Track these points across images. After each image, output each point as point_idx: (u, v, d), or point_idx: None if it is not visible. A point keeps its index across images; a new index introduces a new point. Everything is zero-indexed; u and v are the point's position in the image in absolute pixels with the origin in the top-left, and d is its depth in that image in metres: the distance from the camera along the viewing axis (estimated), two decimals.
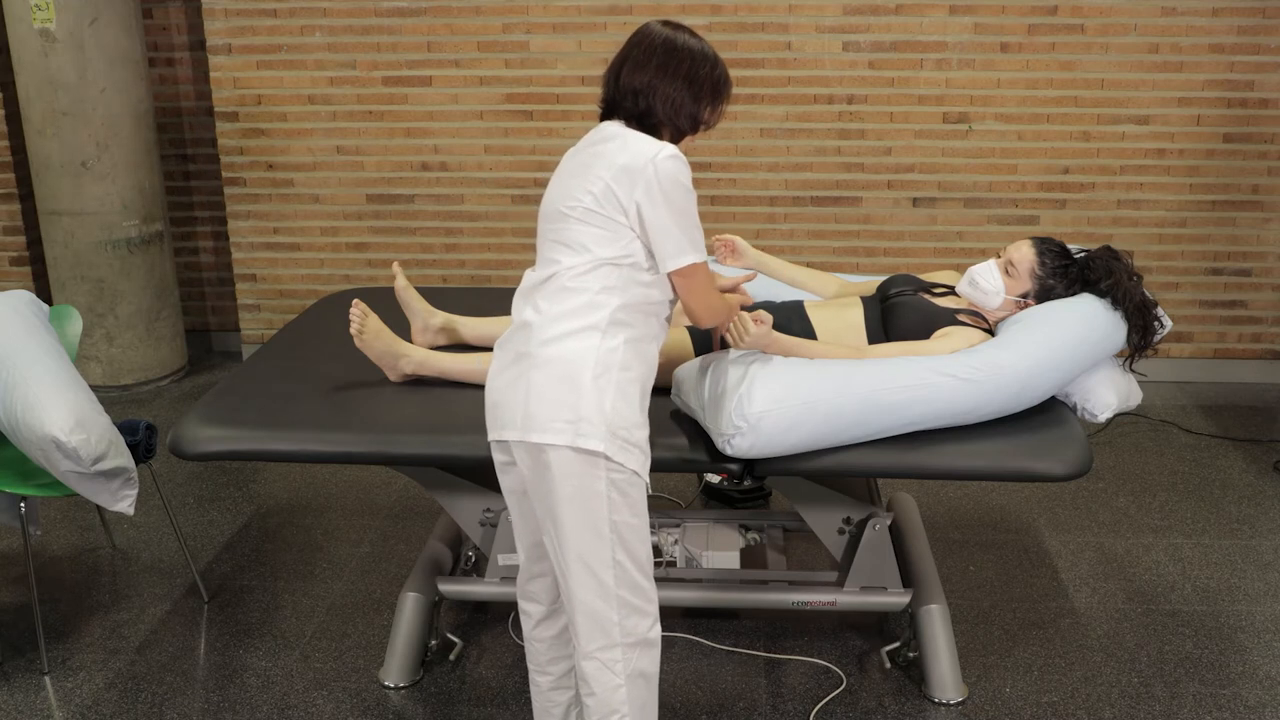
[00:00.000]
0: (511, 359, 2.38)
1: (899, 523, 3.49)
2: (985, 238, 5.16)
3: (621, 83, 2.40)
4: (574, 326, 2.33)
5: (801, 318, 3.12)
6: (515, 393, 2.35)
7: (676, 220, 2.33)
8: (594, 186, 2.33)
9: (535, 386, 2.32)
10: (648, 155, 2.31)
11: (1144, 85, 4.96)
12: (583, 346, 2.32)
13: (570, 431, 2.29)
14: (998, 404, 2.82)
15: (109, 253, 5.05)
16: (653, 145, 2.34)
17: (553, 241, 2.39)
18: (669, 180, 2.31)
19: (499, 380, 2.40)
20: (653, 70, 2.38)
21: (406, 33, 5.09)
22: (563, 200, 2.37)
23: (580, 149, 2.45)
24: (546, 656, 2.66)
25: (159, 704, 3.09)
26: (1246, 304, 5.21)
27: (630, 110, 2.41)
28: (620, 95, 2.41)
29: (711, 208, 5.22)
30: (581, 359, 2.31)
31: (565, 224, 2.37)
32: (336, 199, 5.33)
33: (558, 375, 2.31)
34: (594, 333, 2.33)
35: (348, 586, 3.66)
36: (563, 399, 2.30)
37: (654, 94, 2.39)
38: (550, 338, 2.33)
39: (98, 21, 4.81)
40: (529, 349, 2.35)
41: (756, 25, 4.98)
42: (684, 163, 2.35)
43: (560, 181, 2.42)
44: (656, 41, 2.40)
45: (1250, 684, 3.14)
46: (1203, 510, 4.10)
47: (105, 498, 3.14)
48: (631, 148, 2.34)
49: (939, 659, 3.06)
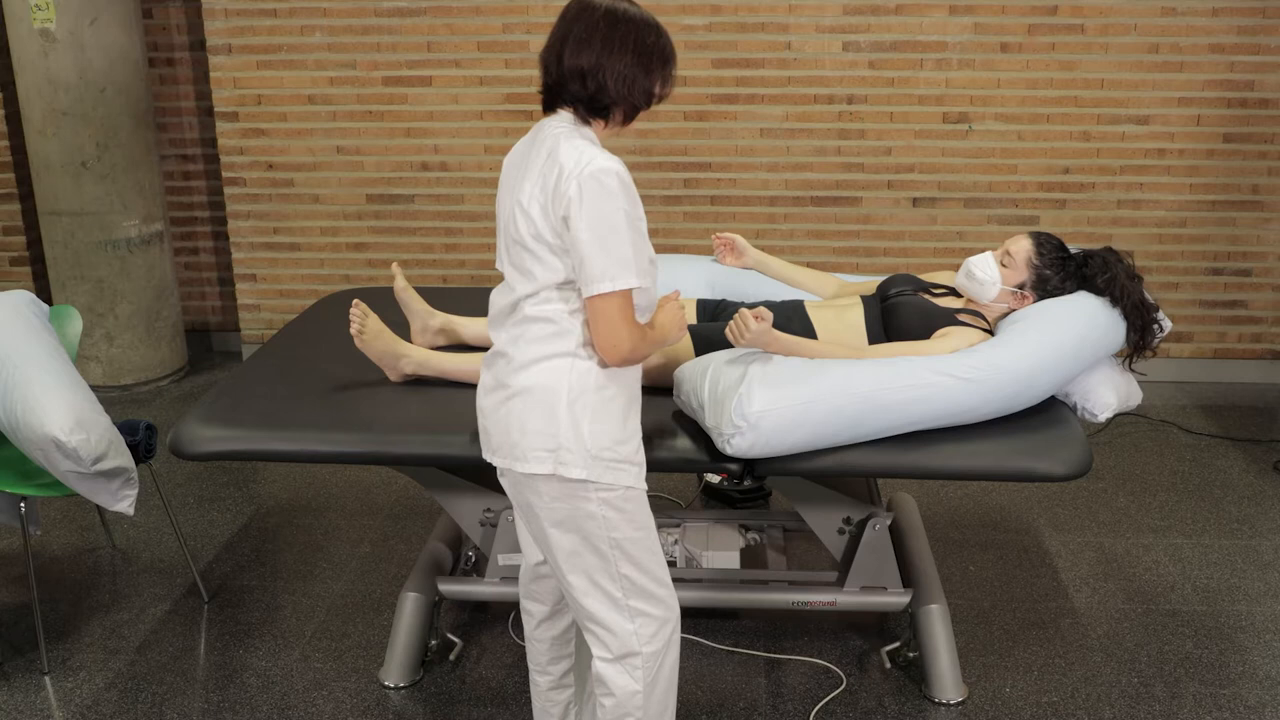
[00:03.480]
0: (493, 384, 2.35)
1: (899, 523, 3.49)
2: (985, 238, 5.16)
3: (566, 65, 2.22)
4: (544, 353, 2.26)
5: (801, 317, 3.12)
6: (499, 419, 2.32)
7: (598, 242, 2.15)
8: (532, 210, 2.21)
9: (514, 415, 2.28)
10: (570, 172, 2.15)
11: (1144, 85, 4.96)
12: (555, 374, 2.25)
13: (551, 460, 2.25)
14: (997, 404, 2.82)
15: (109, 253, 5.05)
16: (579, 158, 2.16)
17: (510, 266, 2.32)
18: (595, 195, 2.14)
19: (485, 401, 2.37)
20: (598, 46, 2.20)
21: (406, 33, 5.09)
22: (509, 223, 2.28)
23: (518, 156, 2.34)
24: (547, 657, 2.66)
25: (159, 704, 3.09)
26: (1246, 304, 5.21)
27: (578, 94, 2.24)
28: (566, 79, 2.23)
29: (711, 208, 5.22)
30: (555, 386, 2.25)
31: (516, 250, 2.27)
32: (336, 199, 5.33)
33: (533, 404, 2.26)
34: (565, 358, 2.25)
35: (348, 586, 3.66)
36: (541, 428, 2.25)
37: (604, 72, 2.20)
38: (522, 364, 2.28)
39: (98, 21, 4.81)
40: (505, 378, 2.31)
41: (756, 25, 4.98)
42: (613, 174, 2.15)
43: (503, 198, 2.33)
44: (598, 15, 2.21)
45: (1250, 684, 3.14)
46: (1203, 510, 4.10)
47: (105, 498, 3.14)
48: (560, 161, 2.18)
49: (939, 659, 3.06)
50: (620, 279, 2.17)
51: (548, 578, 2.58)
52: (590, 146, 2.20)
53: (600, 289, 2.17)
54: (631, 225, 2.17)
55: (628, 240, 2.16)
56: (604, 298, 2.18)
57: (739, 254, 3.51)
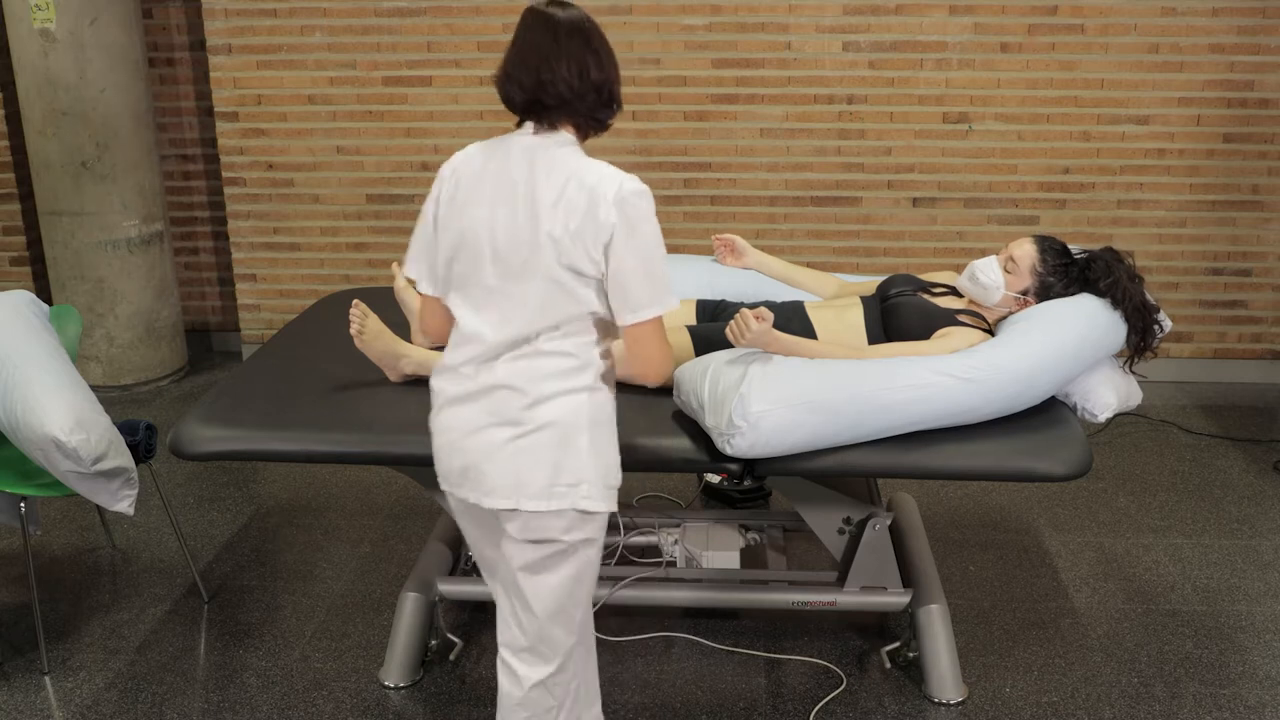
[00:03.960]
0: (491, 420, 2.19)
1: (899, 523, 3.49)
2: (985, 238, 5.16)
3: (592, 79, 2.14)
4: (564, 387, 2.17)
5: (801, 318, 3.12)
6: (505, 459, 2.18)
7: (643, 267, 2.11)
8: (559, 236, 2.10)
9: (529, 454, 2.17)
10: (607, 196, 2.08)
11: (1144, 85, 4.96)
12: (575, 408, 2.18)
13: (573, 496, 2.19)
14: (998, 404, 2.82)
15: (109, 253, 5.05)
16: (613, 177, 2.11)
17: (515, 297, 2.15)
18: (637, 220, 2.09)
19: (481, 439, 2.20)
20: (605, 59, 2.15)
21: (406, 33, 5.09)
22: (516, 250, 2.13)
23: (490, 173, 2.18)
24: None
25: (159, 704, 3.09)
26: (1246, 304, 5.21)
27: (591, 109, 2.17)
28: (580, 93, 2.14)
29: (711, 208, 5.22)
30: (576, 422, 2.18)
31: (530, 279, 2.13)
32: (336, 199, 5.33)
33: (555, 440, 2.17)
34: (584, 392, 2.19)
35: (348, 586, 3.66)
36: (564, 464, 2.17)
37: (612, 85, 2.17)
38: (539, 400, 2.17)
39: (98, 21, 4.81)
40: (516, 415, 2.17)
41: (756, 25, 4.98)
42: (647, 195, 2.12)
43: (498, 220, 2.15)
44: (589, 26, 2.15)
45: (1250, 684, 3.14)
46: (1203, 510, 4.10)
47: (105, 498, 3.14)
48: (589, 185, 2.10)
49: (939, 659, 3.06)
50: (664, 301, 2.15)
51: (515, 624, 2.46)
52: (607, 166, 2.14)
53: (648, 315, 2.14)
54: (661, 245, 2.14)
55: (664, 261, 2.15)
56: (650, 322, 2.15)
57: (739, 255, 3.51)
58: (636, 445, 2.78)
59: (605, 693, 3.11)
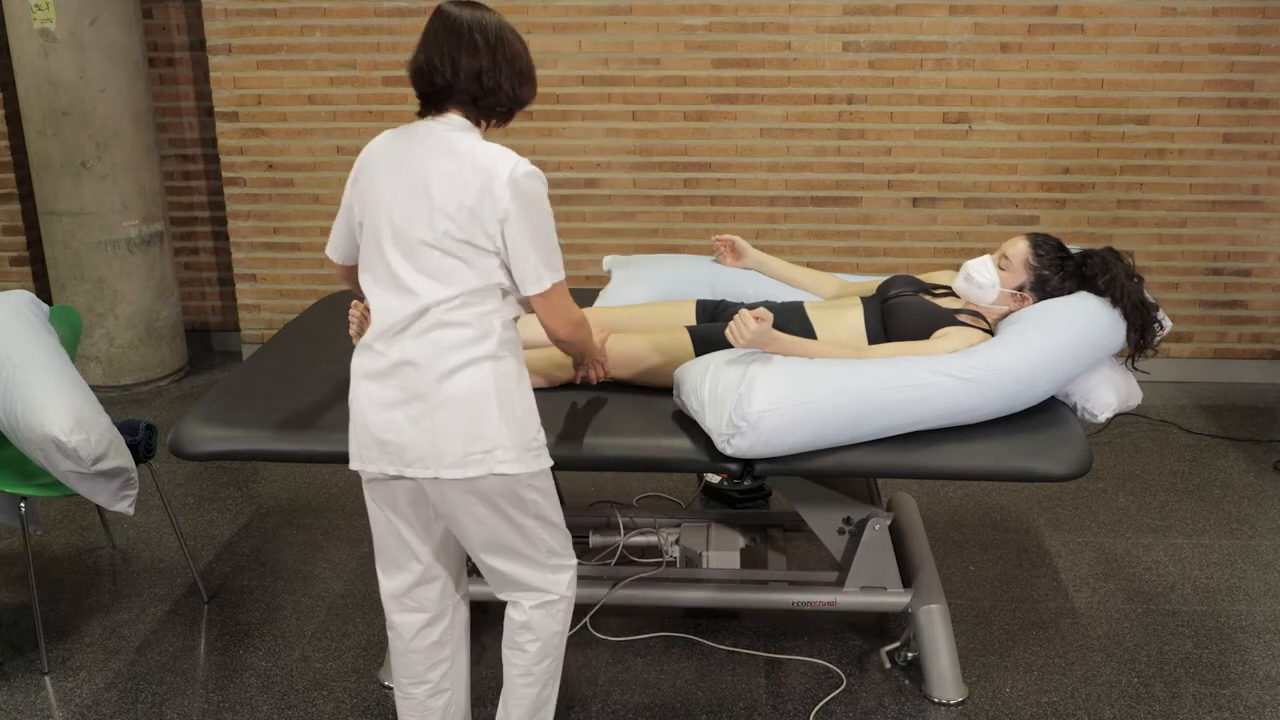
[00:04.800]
0: (400, 397, 2.32)
1: (899, 523, 3.49)
2: (985, 238, 5.16)
3: (463, 68, 2.29)
4: (466, 358, 2.31)
5: (801, 318, 3.12)
6: (417, 432, 2.32)
7: (535, 241, 2.29)
8: (458, 215, 2.26)
9: (441, 425, 2.30)
10: (505, 174, 2.25)
11: (1144, 85, 4.96)
12: (480, 378, 2.31)
13: (489, 461, 2.32)
14: (998, 404, 2.82)
15: (109, 253, 5.05)
16: (506, 159, 2.27)
17: (414, 271, 2.30)
18: (532, 198, 2.28)
19: (395, 414, 2.33)
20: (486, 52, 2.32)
21: (406, 33, 5.09)
22: (413, 227, 2.29)
23: (396, 155, 2.34)
24: (425, 664, 2.62)
25: (159, 704, 3.09)
26: (1246, 304, 5.21)
27: (473, 96, 2.32)
28: (462, 81, 2.30)
29: (711, 208, 5.22)
30: (483, 391, 2.31)
31: (426, 254, 2.29)
32: (336, 199, 5.32)
33: (463, 411, 2.30)
34: (487, 361, 2.32)
35: (348, 586, 3.66)
36: (475, 432, 2.31)
37: (498, 74, 2.33)
38: (442, 374, 2.30)
39: (98, 21, 4.81)
40: (423, 389, 2.30)
41: (756, 25, 4.98)
42: (541, 177, 2.31)
43: (397, 199, 2.31)
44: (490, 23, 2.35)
45: (1250, 684, 3.15)
46: (1203, 510, 4.10)
47: (105, 498, 3.14)
48: (485, 165, 2.26)
49: (939, 659, 3.06)
50: (559, 270, 2.35)
51: (435, 581, 2.56)
52: (503, 149, 2.30)
53: (541, 286, 2.33)
54: (552, 221, 2.35)
55: (554, 235, 2.35)
56: (553, 289, 2.35)
57: (739, 255, 3.51)
58: (636, 445, 2.78)
59: (605, 692, 3.11)
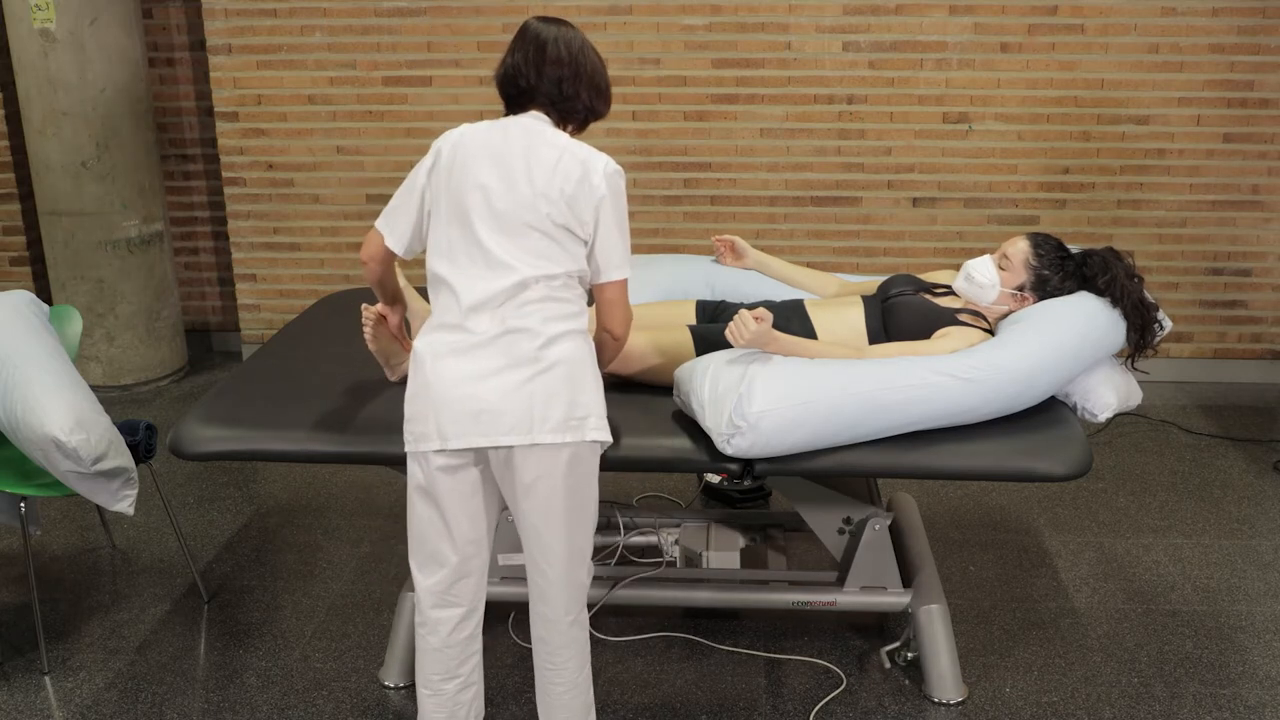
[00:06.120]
0: (502, 364, 2.40)
1: (899, 523, 3.49)
2: (985, 238, 5.16)
3: (545, 73, 2.47)
4: (568, 329, 2.45)
5: (802, 317, 3.12)
6: (518, 399, 2.39)
7: (621, 233, 2.47)
8: (555, 198, 2.40)
9: (544, 390, 2.40)
10: (600, 166, 2.43)
11: (1144, 85, 4.96)
12: (579, 347, 2.45)
13: (583, 428, 2.43)
14: (998, 404, 2.82)
15: (109, 253, 5.05)
16: (599, 154, 2.45)
17: (516, 249, 2.42)
18: (621, 193, 2.46)
19: (486, 385, 2.40)
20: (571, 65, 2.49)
21: (406, 33, 5.10)
22: (517, 210, 2.41)
23: (494, 143, 2.45)
24: (459, 658, 2.63)
25: (159, 704, 3.09)
26: (1246, 304, 5.21)
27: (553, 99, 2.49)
28: (546, 86, 2.48)
29: (711, 208, 5.22)
30: (581, 359, 2.45)
31: (528, 234, 2.42)
32: (336, 199, 5.33)
33: (565, 377, 2.42)
34: (581, 335, 2.47)
35: (348, 586, 3.66)
36: (574, 399, 2.42)
37: (580, 83, 2.50)
38: (550, 340, 2.42)
39: (98, 21, 4.81)
40: (530, 354, 2.41)
41: (756, 25, 4.99)
42: (623, 175, 2.49)
43: (500, 183, 2.42)
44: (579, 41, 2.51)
45: (1250, 684, 3.15)
46: (1203, 510, 4.10)
47: (105, 498, 3.14)
48: (581, 158, 2.43)
49: (939, 659, 3.06)
50: (628, 268, 2.51)
51: (470, 576, 2.57)
52: (592, 148, 2.47)
53: (620, 275, 2.49)
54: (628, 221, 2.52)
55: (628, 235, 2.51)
56: (620, 283, 2.51)
57: (739, 255, 3.51)
58: (636, 445, 2.78)
59: (605, 692, 3.11)
